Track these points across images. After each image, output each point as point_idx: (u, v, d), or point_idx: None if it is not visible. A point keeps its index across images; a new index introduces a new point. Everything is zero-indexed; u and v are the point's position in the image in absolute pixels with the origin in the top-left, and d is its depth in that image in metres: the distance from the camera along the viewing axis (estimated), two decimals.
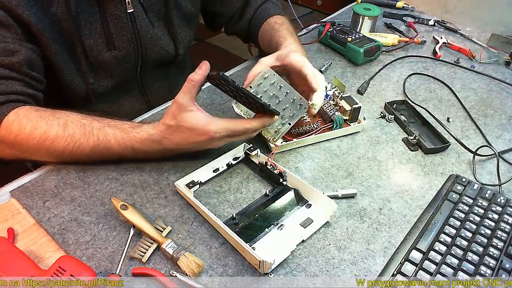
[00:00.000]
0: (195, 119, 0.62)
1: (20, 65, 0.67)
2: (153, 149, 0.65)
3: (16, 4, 0.65)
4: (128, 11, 0.78)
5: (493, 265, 0.57)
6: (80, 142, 0.64)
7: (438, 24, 1.23)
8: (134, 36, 0.81)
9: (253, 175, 0.71)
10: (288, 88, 0.69)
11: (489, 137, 0.83)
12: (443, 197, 0.67)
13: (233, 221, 0.62)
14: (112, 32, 0.77)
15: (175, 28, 0.88)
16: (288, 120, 0.70)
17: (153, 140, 0.64)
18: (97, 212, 0.62)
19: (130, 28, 0.79)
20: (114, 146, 0.65)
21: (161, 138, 0.64)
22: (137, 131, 0.65)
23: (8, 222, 0.60)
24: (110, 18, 0.76)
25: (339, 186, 0.70)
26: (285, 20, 0.95)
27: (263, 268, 0.55)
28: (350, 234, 0.62)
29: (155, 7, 0.83)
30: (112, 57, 0.79)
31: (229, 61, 1.12)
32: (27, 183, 0.66)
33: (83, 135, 0.64)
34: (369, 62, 1.04)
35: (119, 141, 0.65)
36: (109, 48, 0.78)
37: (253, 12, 0.97)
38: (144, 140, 0.64)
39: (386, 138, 0.81)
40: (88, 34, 0.75)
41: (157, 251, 0.58)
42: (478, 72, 1.03)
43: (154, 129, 0.64)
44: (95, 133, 0.64)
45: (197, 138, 0.63)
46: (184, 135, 0.63)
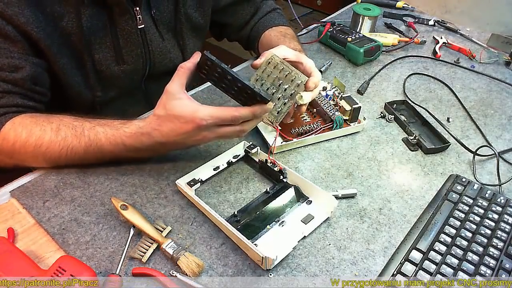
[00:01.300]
0: (183, 106, 0.60)
1: (23, 81, 0.67)
2: (143, 143, 0.63)
3: (25, 21, 0.64)
4: (139, 26, 0.77)
5: (493, 265, 0.57)
6: (73, 145, 0.64)
7: (438, 24, 1.23)
8: (144, 51, 0.81)
9: (253, 174, 0.71)
10: (289, 68, 0.71)
11: (489, 137, 0.83)
12: (443, 197, 0.67)
13: (234, 219, 0.62)
14: (122, 47, 0.77)
15: (184, 40, 0.87)
16: (289, 99, 0.71)
17: (142, 133, 0.62)
18: (97, 212, 0.62)
19: (140, 43, 0.79)
20: (105, 145, 0.64)
21: (151, 130, 0.62)
22: (127, 126, 0.64)
23: (8, 222, 0.60)
24: (121, 33, 0.76)
25: (339, 186, 0.70)
26: (293, 32, 0.95)
27: (266, 264, 0.55)
28: (350, 234, 0.62)
29: (166, 20, 0.83)
30: (120, 71, 0.79)
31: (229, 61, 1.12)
32: (27, 183, 0.66)
33: (75, 137, 0.64)
34: (369, 62, 1.04)
35: (110, 138, 0.64)
36: (118, 62, 0.78)
37: (257, 19, 0.97)
38: (134, 134, 0.63)
39: (386, 138, 0.81)
40: (98, 48, 0.75)
41: (157, 251, 0.58)
42: (478, 72, 1.03)
43: (143, 121, 0.63)
44: (86, 134, 0.64)
45: (185, 127, 0.60)
46: (172, 124, 0.60)
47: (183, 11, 0.84)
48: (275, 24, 0.96)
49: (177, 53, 0.88)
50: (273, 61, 0.72)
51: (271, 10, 0.99)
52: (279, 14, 1.00)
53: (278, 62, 0.72)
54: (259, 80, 0.73)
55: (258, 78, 0.72)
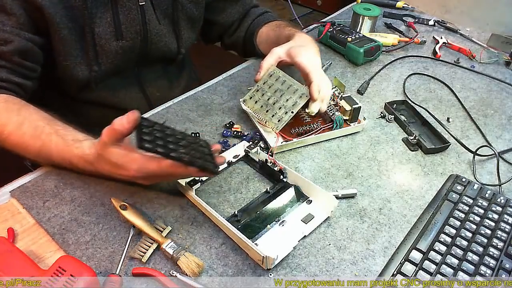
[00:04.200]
0: (118, 155, 0.57)
1: (10, 54, 0.69)
2: (87, 168, 0.63)
3: None
4: (140, 3, 0.80)
5: (493, 265, 0.57)
6: (28, 144, 0.65)
7: (438, 24, 1.23)
8: (142, 29, 0.83)
9: (253, 174, 0.71)
10: (291, 81, 0.76)
11: (489, 137, 0.83)
12: (443, 197, 0.67)
13: (235, 218, 0.62)
14: (122, 22, 0.79)
15: (179, 28, 0.90)
16: (291, 109, 0.74)
17: (86, 160, 0.62)
18: (97, 212, 0.62)
19: (139, 20, 0.81)
20: (54, 156, 0.64)
21: (93, 161, 0.61)
22: (76, 146, 0.62)
23: (8, 222, 0.60)
24: (121, 9, 0.79)
25: (339, 186, 0.70)
26: (287, 23, 0.96)
27: (267, 263, 0.55)
28: (350, 234, 0.62)
29: (163, 6, 0.85)
30: (118, 47, 0.81)
31: (229, 61, 1.12)
32: (27, 183, 0.66)
33: (31, 138, 0.65)
34: (369, 62, 1.04)
35: (59, 151, 0.64)
36: (117, 38, 0.80)
37: (250, 21, 0.99)
38: (80, 157, 0.62)
39: (386, 138, 0.81)
40: (99, 22, 0.77)
41: (157, 251, 0.58)
42: (478, 72, 1.03)
43: (89, 149, 0.61)
44: (42, 138, 0.64)
45: (119, 172, 0.58)
46: (108, 167, 0.59)
47: (180, 0, 0.87)
48: (268, 20, 0.98)
49: (172, 40, 0.90)
50: (275, 74, 0.76)
51: (263, 12, 1.01)
52: (270, 15, 1.02)
53: (280, 75, 0.76)
54: (260, 90, 0.77)
55: (259, 88, 0.77)
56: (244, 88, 0.90)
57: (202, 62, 1.45)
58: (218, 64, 1.22)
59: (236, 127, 0.79)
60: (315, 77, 0.74)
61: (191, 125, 0.80)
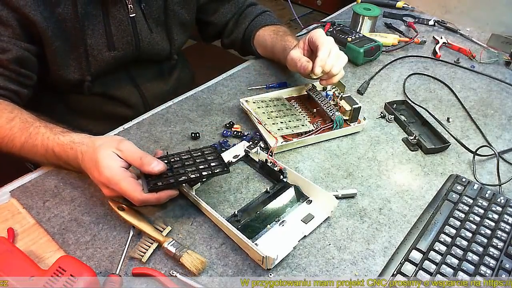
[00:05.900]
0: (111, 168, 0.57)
1: (8, 62, 0.70)
2: (69, 158, 0.62)
3: (23, 4, 0.68)
4: (130, 15, 0.82)
5: (493, 265, 0.57)
6: (15, 137, 0.65)
7: (438, 24, 1.23)
8: (134, 39, 0.84)
9: (253, 174, 0.71)
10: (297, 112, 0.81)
11: (489, 137, 0.83)
12: (443, 197, 0.67)
13: (235, 218, 0.62)
14: (113, 33, 0.81)
15: (172, 34, 0.91)
16: (292, 129, 0.76)
17: (72, 148, 0.61)
18: (97, 212, 0.62)
19: (130, 31, 0.83)
20: (38, 146, 0.64)
21: (79, 152, 0.61)
22: (64, 135, 0.63)
23: (8, 222, 0.60)
24: (113, 21, 0.80)
25: (339, 186, 0.70)
26: (286, 29, 0.97)
27: (267, 263, 0.55)
28: (350, 234, 0.62)
29: (155, 14, 0.87)
30: (111, 57, 0.82)
31: (229, 61, 1.12)
32: (27, 183, 0.66)
33: (19, 130, 0.65)
34: (369, 62, 1.04)
35: (44, 141, 0.64)
36: (109, 48, 0.81)
37: (248, 22, 1.00)
38: (65, 144, 0.62)
39: (386, 138, 0.81)
40: (91, 34, 0.78)
41: (157, 251, 0.58)
42: (478, 72, 1.03)
43: (81, 139, 0.62)
44: (29, 130, 0.65)
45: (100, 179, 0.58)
46: (93, 170, 0.59)
47: (171, 7, 0.88)
48: (266, 23, 0.98)
49: (165, 46, 0.91)
50: (282, 100, 0.83)
51: (261, 12, 1.01)
52: (270, 15, 1.02)
53: (286, 102, 0.82)
54: (266, 103, 0.81)
55: (265, 101, 0.80)
56: (244, 88, 0.90)
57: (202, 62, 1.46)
58: (218, 64, 1.22)
59: (236, 127, 0.79)
60: (322, 53, 0.75)
61: (191, 125, 0.80)
